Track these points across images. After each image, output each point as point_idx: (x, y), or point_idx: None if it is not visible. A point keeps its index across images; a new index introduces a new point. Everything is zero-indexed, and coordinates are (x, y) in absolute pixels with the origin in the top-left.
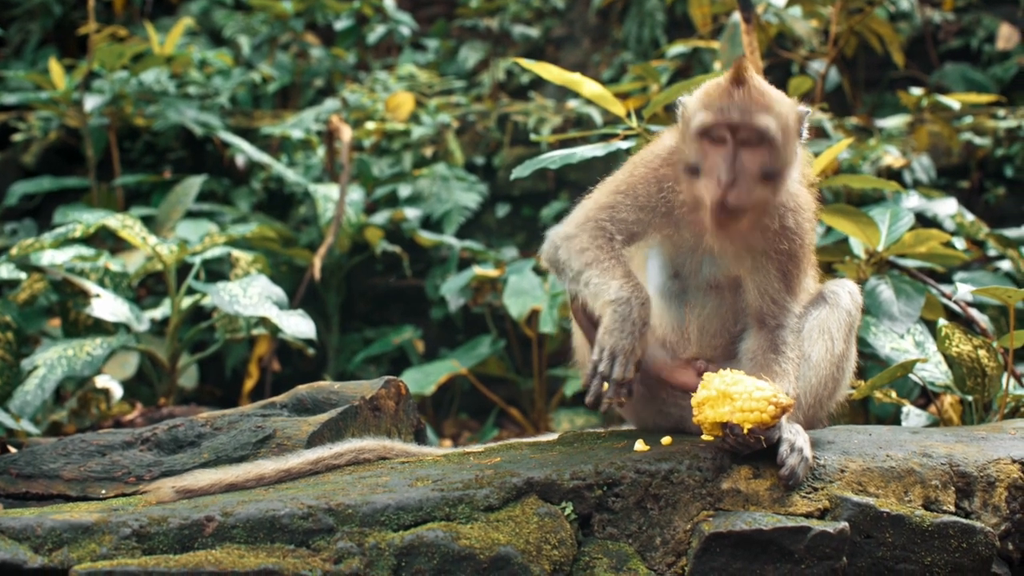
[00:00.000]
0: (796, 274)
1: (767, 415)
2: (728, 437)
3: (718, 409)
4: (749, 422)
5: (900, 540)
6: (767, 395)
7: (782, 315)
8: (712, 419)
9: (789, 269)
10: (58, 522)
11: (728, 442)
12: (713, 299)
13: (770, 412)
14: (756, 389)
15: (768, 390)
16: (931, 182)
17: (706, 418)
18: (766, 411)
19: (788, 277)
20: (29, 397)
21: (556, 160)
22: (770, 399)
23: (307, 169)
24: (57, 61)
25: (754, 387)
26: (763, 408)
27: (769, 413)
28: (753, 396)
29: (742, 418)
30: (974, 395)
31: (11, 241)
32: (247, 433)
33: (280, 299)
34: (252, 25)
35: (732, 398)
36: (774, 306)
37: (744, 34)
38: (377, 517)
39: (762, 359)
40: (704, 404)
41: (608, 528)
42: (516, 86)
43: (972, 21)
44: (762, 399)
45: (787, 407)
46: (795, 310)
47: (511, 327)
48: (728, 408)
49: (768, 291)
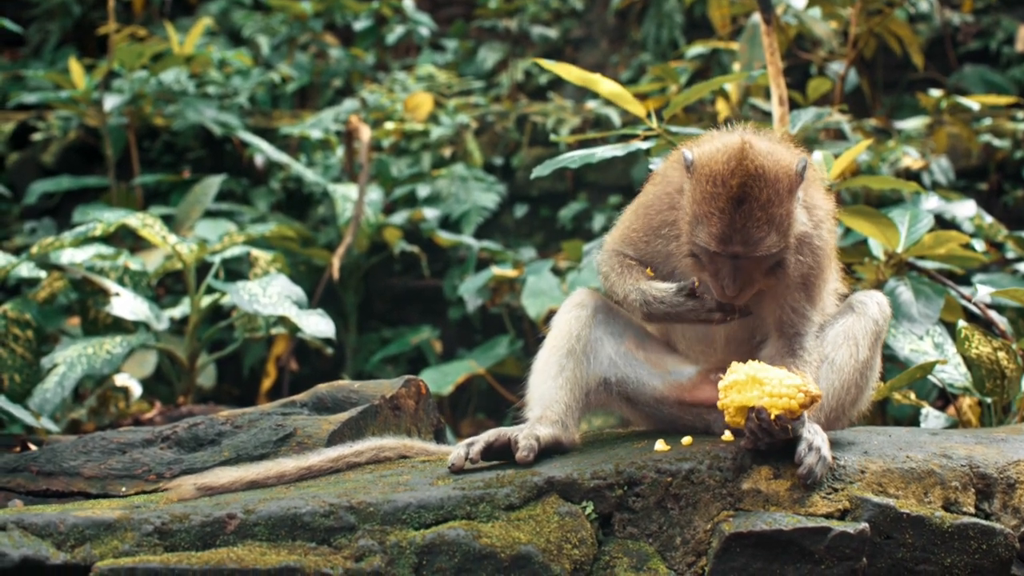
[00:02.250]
0: (819, 284)
1: (796, 402)
2: (752, 421)
3: (746, 393)
4: (778, 408)
5: (920, 541)
6: (797, 383)
7: (801, 323)
8: (739, 403)
9: (812, 281)
10: (80, 519)
11: (751, 426)
12: None
13: (799, 399)
14: (786, 377)
15: (798, 379)
16: (950, 184)
17: (732, 402)
18: (796, 397)
19: (810, 288)
20: (49, 395)
21: (576, 160)
22: (800, 387)
23: (326, 169)
24: (77, 61)
25: (784, 375)
26: (793, 395)
27: (799, 400)
28: (784, 382)
29: (771, 403)
30: (993, 397)
31: (30, 240)
32: (268, 431)
33: (300, 298)
34: (271, 25)
35: (761, 383)
36: (794, 315)
37: (764, 35)
38: (398, 515)
39: (780, 363)
40: (731, 388)
41: (628, 527)
42: (535, 87)
43: (991, 23)
44: (792, 386)
45: (816, 397)
46: (815, 319)
47: (529, 327)
48: (757, 392)
49: (789, 302)
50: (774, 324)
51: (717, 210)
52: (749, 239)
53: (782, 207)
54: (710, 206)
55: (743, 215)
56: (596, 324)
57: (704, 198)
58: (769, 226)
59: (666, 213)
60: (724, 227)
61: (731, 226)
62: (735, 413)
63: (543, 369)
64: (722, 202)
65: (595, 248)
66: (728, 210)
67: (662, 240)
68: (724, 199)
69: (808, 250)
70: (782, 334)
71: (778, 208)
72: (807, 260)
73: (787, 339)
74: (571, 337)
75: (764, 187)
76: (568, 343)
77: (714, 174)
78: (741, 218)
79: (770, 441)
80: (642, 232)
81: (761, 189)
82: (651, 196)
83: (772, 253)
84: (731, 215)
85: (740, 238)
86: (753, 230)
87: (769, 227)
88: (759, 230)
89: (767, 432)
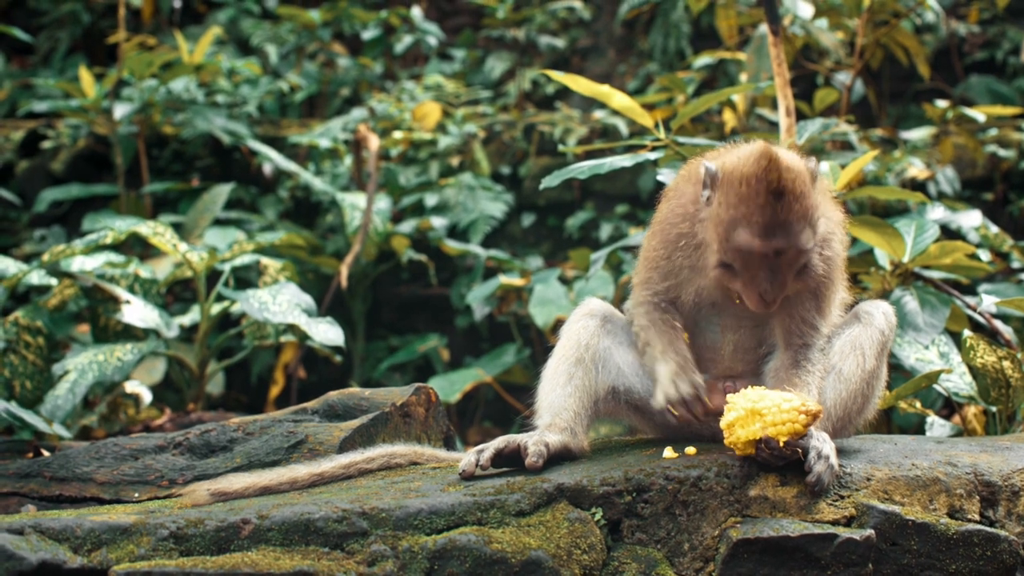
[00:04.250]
0: (829, 295)
1: (799, 424)
2: (763, 451)
3: (749, 428)
4: (784, 435)
5: (925, 548)
6: (796, 405)
7: (809, 334)
8: (745, 438)
9: (822, 291)
10: (97, 523)
11: (763, 456)
12: (748, 319)
13: (802, 421)
14: (783, 401)
15: (795, 400)
16: (956, 194)
17: (738, 439)
18: (798, 420)
19: (820, 298)
20: (60, 401)
21: (585, 171)
22: (799, 408)
23: (334, 178)
24: (86, 69)
25: (781, 399)
26: (794, 419)
27: (801, 422)
28: (782, 408)
29: (776, 432)
30: (998, 406)
31: (40, 247)
32: (279, 438)
33: (309, 307)
34: (280, 34)
35: (761, 414)
36: (804, 326)
37: (771, 46)
38: (410, 521)
39: (784, 375)
40: (734, 425)
41: (637, 534)
42: (542, 96)
43: (997, 33)
44: (791, 409)
45: (817, 413)
46: (824, 331)
47: (536, 336)
48: (759, 425)
49: (800, 312)
50: (782, 334)
51: (757, 207)
52: (791, 231)
53: (811, 199)
54: (748, 206)
55: (784, 208)
56: (605, 333)
57: (739, 200)
58: (805, 220)
59: (682, 226)
60: (766, 222)
61: (773, 219)
62: (744, 447)
63: (552, 377)
64: (761, 199)
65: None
66: (768, 204)
67: (681, 254)
68: (763, 195)
69: (820, 259)
70: (789, 344)
71: (809, 200)
72: (820, 270)
73: (793, 350)
74: (580, 346)
75: (796, 180)
76: (577, 352)
77: (747, 176)
78: (783, 211)
79: (785, 462)
80: (662, 249)
81: (794, 182)
82: (665, 211)
83: (809, 248)
84: (772, 209)
85: (783, 231)
86: (794, 222)
87: (805, 221)
88: (798, 223)
89: (780, 457)
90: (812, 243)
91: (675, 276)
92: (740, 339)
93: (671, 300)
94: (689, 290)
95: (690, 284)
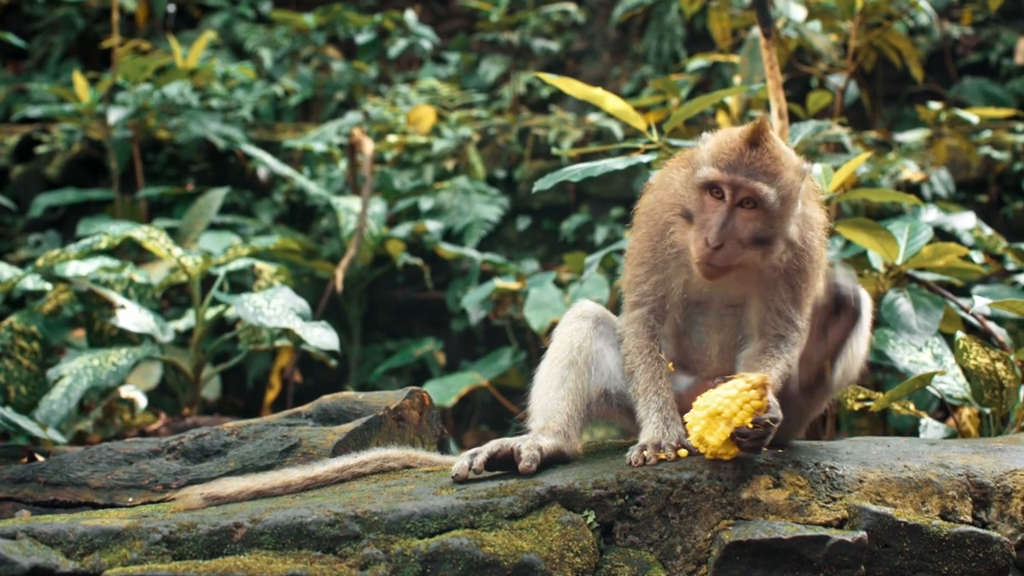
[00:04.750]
0: (805, 288)
1: (755, 400)
2: (744, 444)
3: (716, 432)
4: (748, 418)
5: (917, 550)
6: (741, 387)
7: (783, 327)
8: (719, 443)
9: (798, 283)
10: (90, 528)
11: (746, 447)
12: (731, 317)
13: (755, 396)
14: (729, 390)
15: (739, 382)
16: (950, 196)
17: (715, 447)
18: (751, 398)
19: (796, 290)
20: (55, 406)
21: (578, 173)
22: (743, 388)
23: (329, 182)
24: (81, 74)
25: (724, 392)
26: (747, 399)
27: (755, 397)
28: (732, 397)
29: (740, 420)
30: (991, 407)
31: (35, 252)
32: (273, 442)
33: (304, 311)
34: (274, 39)
35: (719, 413)
36: (779, 318)
37: (763, 49)
38: (403, 524)
39: (752, 363)
40: (703, 437)
41: (630, 536)
42: (537, 99)
43: (991, 35)
44: (739, 393)
45: (762, 383)
46: (799, 324)
47: (532, 339)
48: (723, 425)
49: (775, 304)
50: (757, 324)
51: (729, 150)
52: (754, 175)
53: (788, 175)
54: (721, 148)
55: (753, 156)
56: (597, 336)
57: (717, 147)
58: (771, 177)
59: (669, 215)
60: (733, 160)
61: (739, 160)
62: (725, 450)
63: (545, 381)
64: (735, 143)
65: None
66: (739, 149)
67: (668, 244)
68: (738, 141)
69: (797, 250)
70: (763, 335)
71: (785, 172)
72: (794, 259)
73: (766, 340)
74: (572, 349)
75: (776, 146)
76: (569, 355)
77: (731, 130)
78: (751, 157)
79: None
80: (647, 241)
81: (774, 145)
82: (651, 202)
83: (766, 200)
84: (741, 153)
85: (745, 172)
86: (759, 171)
87: (771, 178)
88: (764, 175)
89: (761, 438)
90: (772, 201)
91: (661, 270)
92: (725, 338)
93: (660, 305)
94: (677, 284)
95: (677, 277)
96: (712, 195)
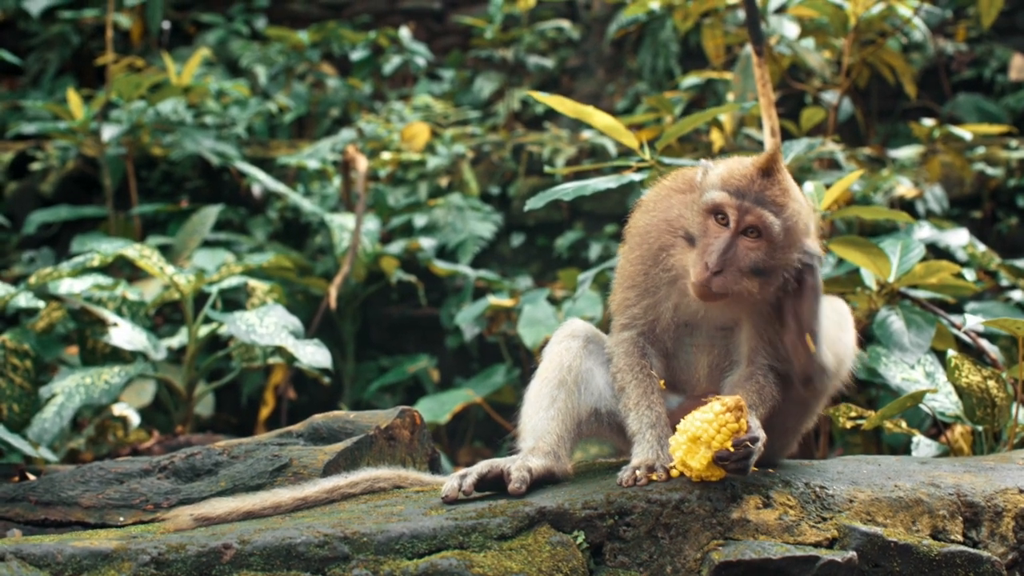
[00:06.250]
0: None
1: (732, 423)
2: (728, 466)
3: (697, 456)
4: (727, 440)
5: (908, 569)
6: (717, 410)
7: (775, 359)
8: (701, 467)
9: None
10: (78, 549)
11: (731, 469)
12: (721, 340)
13: (731, 419)
14: (706, 414)
15: (715, 405)
16: (943, 212)
17: (699, 471)
18: (727, 422)
19: None
20: (47, 425)
21: (569, 192)
22: (719, 412)
23: (323, 199)
24: (75, 91)
25: (701, 416)
26: (723, 422)
27: (732, 419)
28: (709, 421)
29: (720, 443)
30: (984, 425)
31: (29, 269)
32: (264, 462)
33: (296, 328)
34: (268, 55)
35: (698, 438)
36: (769, 347)
37: (756, 67)
38: (392, 545)
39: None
40: (688, 463)
41: (619, 557)
42: (531, 116)
43: (985, 52)
44: (715, 416)
45: (737, 405)
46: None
47: (526, 356)
48: (703, 448)
49: (768, 335)
50: (747, 352)
51: (740, 175)
52: (763, 205)
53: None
54: (733, 174)
55: (764, 184)
56: (587, 355)
57: (728, 171)
58: (780, 209)
59: (667, 237)
60: (743, 187)
61: (750, 188)
62: (709, 472)
63: (535, 400)
64: (748, 171)
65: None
66: (751, 177)
67: (661, 268)
68: (751, 170)
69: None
70: (751, 362)
71: (792, 204)
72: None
73: (753, 367)
74: (562, 368)
75: (787, 179)
76: (559, 374)
77: (743, 158)
78: (763, 186)
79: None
80: (640, 264)
81: (785, 178)
82: (647, 223)
83: (773, 233)
84: (753, 181)
85: (754, 200)
86: (769, 201)
87: (780, 211)
88: (773, 205)
89: (744, 459)
90: (776, 231)
91: (652, 294)
92: (713, 360)
93: (649, 328)
94: (667, 307)
95: (668, 300)
96: (717, 220)
